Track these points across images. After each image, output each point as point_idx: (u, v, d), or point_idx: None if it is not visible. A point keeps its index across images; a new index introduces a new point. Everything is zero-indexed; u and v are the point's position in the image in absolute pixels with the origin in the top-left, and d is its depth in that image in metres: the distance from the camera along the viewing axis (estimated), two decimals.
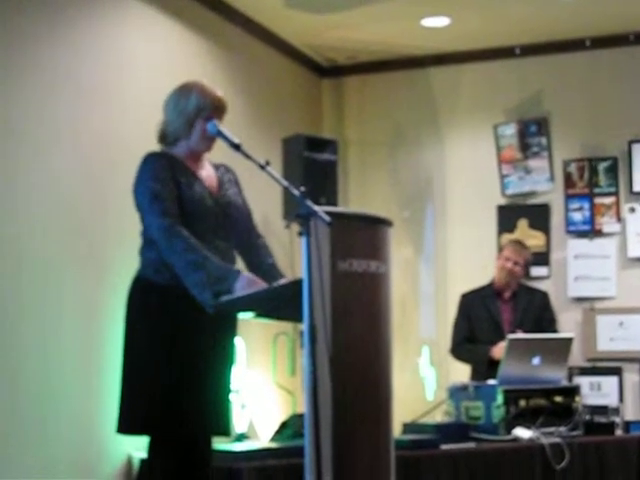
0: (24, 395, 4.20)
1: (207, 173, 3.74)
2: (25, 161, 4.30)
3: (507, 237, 6.78)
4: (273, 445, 4.48)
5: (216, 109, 3.67)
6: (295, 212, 3.17)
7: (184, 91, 3.68)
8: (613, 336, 6.68)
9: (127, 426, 3.56)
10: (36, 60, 4.40)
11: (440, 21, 6.51)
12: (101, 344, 4.60)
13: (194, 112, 3.64)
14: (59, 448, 4.37)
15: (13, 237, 4.21)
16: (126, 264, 3.86)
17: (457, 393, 5.02)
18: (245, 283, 3.39)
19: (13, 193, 4.23)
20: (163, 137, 3.72)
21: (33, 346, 4.27)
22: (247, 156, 3.37)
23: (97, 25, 4.85)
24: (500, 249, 6.09)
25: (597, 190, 6.80)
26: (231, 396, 3.67)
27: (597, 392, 6.57)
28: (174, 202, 3.52)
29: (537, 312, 5.93)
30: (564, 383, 5.21)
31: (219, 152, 3.78)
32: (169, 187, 3.54)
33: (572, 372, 6.42)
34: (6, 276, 4.17)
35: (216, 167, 3.81)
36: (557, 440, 4.76)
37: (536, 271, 6.80)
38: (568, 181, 6.87)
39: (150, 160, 3.61)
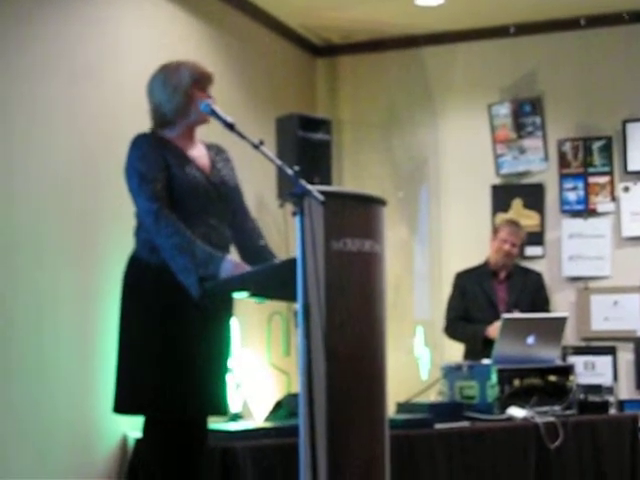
0: (19, 375, 4.20)
1: (199, 153, 3.73)
2: (19, 144, 4.29)
3: (502, 217, 6.78)
4: (268, 425, 4.48)
5: (208, 79, 3.68)
6: (289, 191, 3.17)
7: (170, 69, 3.66)
8: (607, 315, 6.69)
9: (123, 406, 3.57)
10: (29, 41, 4.37)
11: (434, 0, 6.49)
12: (96, 324, 4.60)
13: (190, 85, 3.62)
14: (54, 427, 4.38)
15: (7, 219, 4.20)
16: (121, 245, 3.85)
17: (451, 373, 5.03)
18: (231, 267, 3.39)
19: (8, 176, 4.21)
20: (161, 120, 3.67)
21: (28, 327, 4.26)
22: (241, 135, 3.36)
23: (91, 6, 4.82)
24: (495, 229, 6.08)
25: (591, 170, 6.80)
26: (226, 376, 3.67)
27: (591, 371, 6.59)
28: (163, 184, 3.51)
29: (532, 292, 5.95)
30: (558, 362, 5.21)
31: (213, 131, 3.77)
32: (157, 168, 3.52)
33: (566, 351, 6.41)
34: (1, 257, 4.16)
35: (208, 147, 3.79)
36: (551, 419, 4.78)
37: (530, 251, 6.81)
38: (562, 161, 6.87)
39: (138, 142, 3.59)
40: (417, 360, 6.94)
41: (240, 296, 3.54)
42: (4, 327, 4.15)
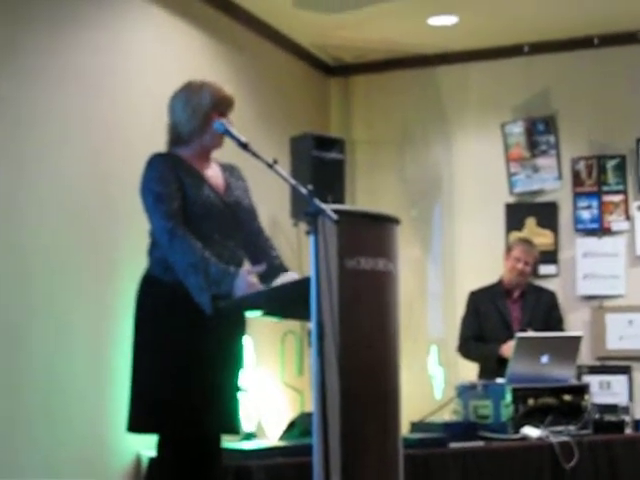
0: (33, 393, 4.21)
1: (214, 173, 3.73)
2: (33, 159, 4.31)
3: (515, 235, 6.77)
4: (281, 444, 4.47)
5: (229, 104, 3.69)
6: (303, 210, 3.17)
7: (193, 89, 3.67)
8: (622, 334, 6.66)
9: (137, 424, 3.57)
10: (45, 58, 4.40)
11: (448, 20, 6.51)
12: (110, 342, 4.61)
13: (210, 108, 3.63)
14: (68, 446, 4.38)
15: (21, 234, 4.22)
16: (135, 262, 3.86)
17: (466, 392, 5.01)
18: (245, 285, 3.39)
19: (22, 190, 4.24)
20: (176, 138, 3.69)
21: (42, 345, 4.27)
22: (255, 155, 3.37)
23: (106, 24, 4.86)
24: (508, 248, 6.07)
25: (605, 188, 6.79)
26: (239, 394, 3.67)
27: (606, 391, 6.56)
28: (178, 203, 3.52)
29: (545, 311, 5.93)
30: (573, 382, 5.19)
31: (227, 151, 3.78)
32: (173, 188, 3.53)
33: (581, 371, 6.41)
34: (15, 274, 4.18)
35: (223, 167, 3.80)
36: (566, 439, 4.75)
37: (545, 269, 6.79)
38: (576, 179, 6.86)
39: (154, 161, 3.61)
40: (431, 379, 6.92)
41: (253, 315, 3.54)
42: (20, 345, 4.16)
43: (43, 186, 4.35)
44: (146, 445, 4.51)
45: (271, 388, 5.86)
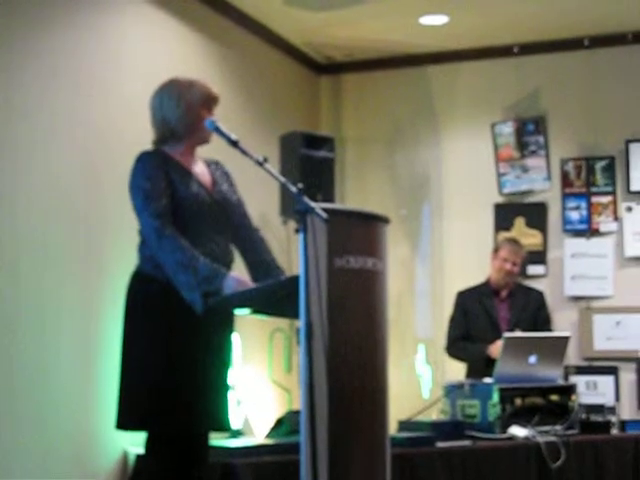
0: (21, 389, 4.20)
1: (200, 169, 3.74)
2: (23, 154, 4.30)
3: (503, 235, 6.78)
4: (269, 441, 4.47)
5: (216, 102, 3.72)
6: (292, 209, 3.18)
7: (183, 86, 3.67)
8: (610, 335, 6.68)
9: (125, 421, 3.56)
10: (35, 54, 4.39)
11: (438, 19, 6.51)
12: (99, 339, 4.60)
13: (201, 104, 3.65)
14: (56, 443, 4.37)
15: (10, 231, 4.21)
16: (125, 258, 3.86)
17: (453, 391, 5.02)
18: (234, 283, 3.40)
19: (11, 186, 4.22)
20: (166, 135, 3.67)
21: (31, 340, 4.26)
22: (245, 153, 3.37)
23: (97, 21, 4.85)
24: (495, 248, 6.06)
25: (594, 189, 6.81)
26: (228, 392, 3.67)
27: (593, 391, 6.58)
28: (167, 201, 3.52)
29: (533, 311, 5.94)
30: (560, 382, 5.21)
31: (216, 149, 3.78)
32: (161, 186, 3.53)
33: (568, 371, 6.42)
34: (4, 269, 4.16)
35: (208, 163, 3.81)
36: (553, 439, 4.76)
37: (533, 270, 6.81)
38: (565, 180, 6.87)
39: (143, 159, 3.61)
40: (419, 378, 6.93)
41: (242, 312, 3.55)
42: (7, 342, 4.15)
43: (33, 180, 4.34)
44: (134, 442, 4.51)
45: (259, 386, 5.86)
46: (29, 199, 4.31)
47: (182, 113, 3.64)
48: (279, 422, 4.76)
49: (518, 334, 5.42)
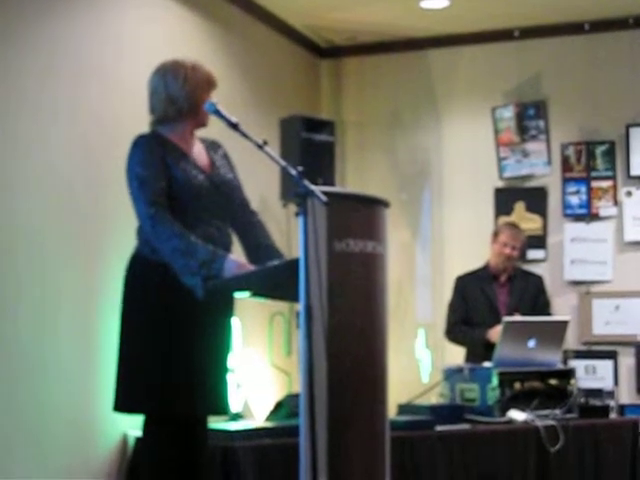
0: (20, 374, 4.20)
1: (198, 151, 3.73)
2: (23, 141, 4.29)
3: (502, 220, 6.78)
4: (268, 425, 4.48)
5: (215, 85, 3.72)
6: (292, 192, 3.17)
7: (188, 68, 3.65)
8: (609, 320, 6.69)
9: (124, 404, 3.57)
10: (35, 40, 4.37)
11: (439, 3, 6.49)
12: (97, 322, 4.60)
13: (206, 85, 3.65)
14: (55, 426, 4.38)
15: (9, 218, 4.19)
16: (123, 243, 3.86)
17: (452, 375, 5.03)
18: (234, 266, 3.40)
19: (11, 173, 4.21)
20: (166, 115, 3.64)
21: (30, 326, 4.26)
22: (245, 135, 3.36)
23: (96, 5, 4.82)
24: (495, 233, 6.06)
25: (594, 174, 6.80)
26: (227, 375, 3.67)
27: (592, 375, 6.59)
28: (163, 185, 3.51)
29: (532, 296, 5.95)
30: (559, 366, 5.22)
31: (216, 131, 3.77)
32: (157, 171, 3.52)
33: (567, 355, 6.44)
34: (2, 255, 4.16)
35: (205, 144, 3.79)
36: (552, 423, 4.78)
37: (532, 254, 6.81)
38: (565, 164, 6.87)
39: (139, 143, 3.59)
40: (418, 362, 6.94)
41: (242, 296, 3.55)
42: (6, 326, 4.15)
43: (32, 168, 4.32)
44: (133, 425, 4.52)
45: (258, 369, 5.87)
46: (28, 186, 4.30)
47: (186, 94, 3.62)
48: (279, 405, 4.77)
49: (517, 318, 5.43)
